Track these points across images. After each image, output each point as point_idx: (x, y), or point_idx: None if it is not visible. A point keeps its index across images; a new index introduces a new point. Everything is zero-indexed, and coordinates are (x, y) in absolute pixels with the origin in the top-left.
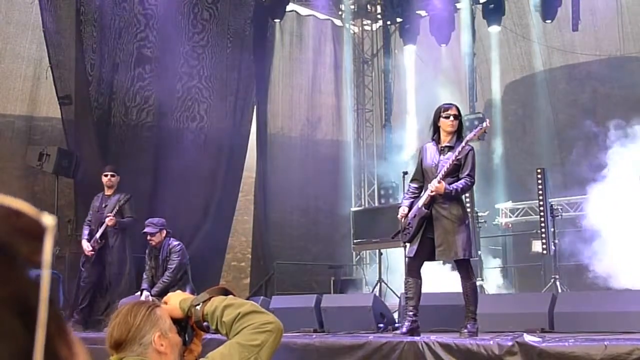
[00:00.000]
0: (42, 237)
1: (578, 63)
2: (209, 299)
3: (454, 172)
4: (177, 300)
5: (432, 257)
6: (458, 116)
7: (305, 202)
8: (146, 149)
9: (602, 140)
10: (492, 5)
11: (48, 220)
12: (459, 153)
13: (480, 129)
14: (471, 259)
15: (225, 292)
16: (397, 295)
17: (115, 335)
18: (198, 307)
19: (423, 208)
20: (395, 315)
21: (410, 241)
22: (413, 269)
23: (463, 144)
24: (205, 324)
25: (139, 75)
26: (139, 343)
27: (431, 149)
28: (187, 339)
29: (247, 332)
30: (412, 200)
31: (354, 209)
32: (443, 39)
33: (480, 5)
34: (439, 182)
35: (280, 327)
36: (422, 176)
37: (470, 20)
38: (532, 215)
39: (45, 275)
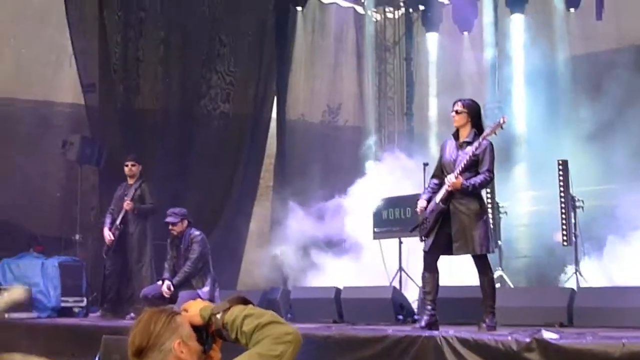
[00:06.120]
0: None
1: (600, 51)
2: (229, 307)
3: (472, 167)
4: (197, 308)
5: (449, 252)
6: (464, 110)
7: (325, 189)
8: (169, 137)
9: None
10: None
11: None
12: (477, 148)
13: (497, 124)
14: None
15: (245, 302)
16: (417, 285)
17: (137, 342)
18: (218, 316)
19: (440, 203)
20: (415, 306)
21: (427, 235)
22: (429, 263)
23: (480, 139)
24: (224, 332)
25: (162, 63)
26: (160, 350)
27: (451, 144)
28: (206, 347)
29: (266, 342)
30: (431, 195)
31: None
32: (465, 26)
33: None
34: (456, 178)
35: (299, 337)
36: (442, 172)
37: (493, 8)
38: (553, 205)
39: None
